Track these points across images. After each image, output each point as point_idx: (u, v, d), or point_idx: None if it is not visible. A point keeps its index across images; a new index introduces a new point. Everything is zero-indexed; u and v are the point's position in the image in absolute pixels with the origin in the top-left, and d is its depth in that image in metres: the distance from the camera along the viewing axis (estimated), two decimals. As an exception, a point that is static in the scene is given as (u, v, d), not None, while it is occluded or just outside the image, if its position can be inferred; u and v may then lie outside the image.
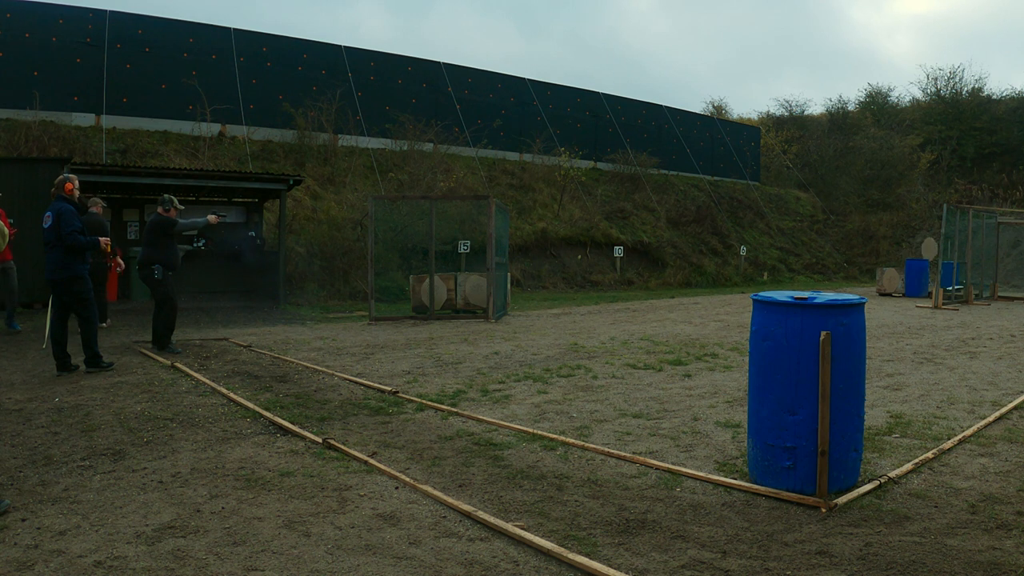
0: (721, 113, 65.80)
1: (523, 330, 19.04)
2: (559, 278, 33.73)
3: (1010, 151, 56.23)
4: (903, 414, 9.95)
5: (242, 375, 12.52)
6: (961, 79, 62.48)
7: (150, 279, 15.01)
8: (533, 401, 10.66)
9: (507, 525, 5.88)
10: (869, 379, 9.40)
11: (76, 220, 11.89)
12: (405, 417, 9.68)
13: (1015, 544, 5.63)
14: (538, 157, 38.12)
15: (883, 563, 5.33)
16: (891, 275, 34.93)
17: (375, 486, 6.91)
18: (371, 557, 5.39)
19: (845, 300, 6.77)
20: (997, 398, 11.08)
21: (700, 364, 13.95)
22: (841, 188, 54.53)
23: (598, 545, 5.63)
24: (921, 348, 16.41)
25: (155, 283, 15.09)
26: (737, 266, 41.15)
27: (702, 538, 5.80)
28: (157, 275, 14.91)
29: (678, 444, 8.43)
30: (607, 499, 6.63)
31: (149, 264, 14.95)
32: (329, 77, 32.97)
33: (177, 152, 27.90)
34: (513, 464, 7.62)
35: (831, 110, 66.13)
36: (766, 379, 6.86)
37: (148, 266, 14.96)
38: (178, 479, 7.03)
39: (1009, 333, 19.70)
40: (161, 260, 14.91)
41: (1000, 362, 14.71)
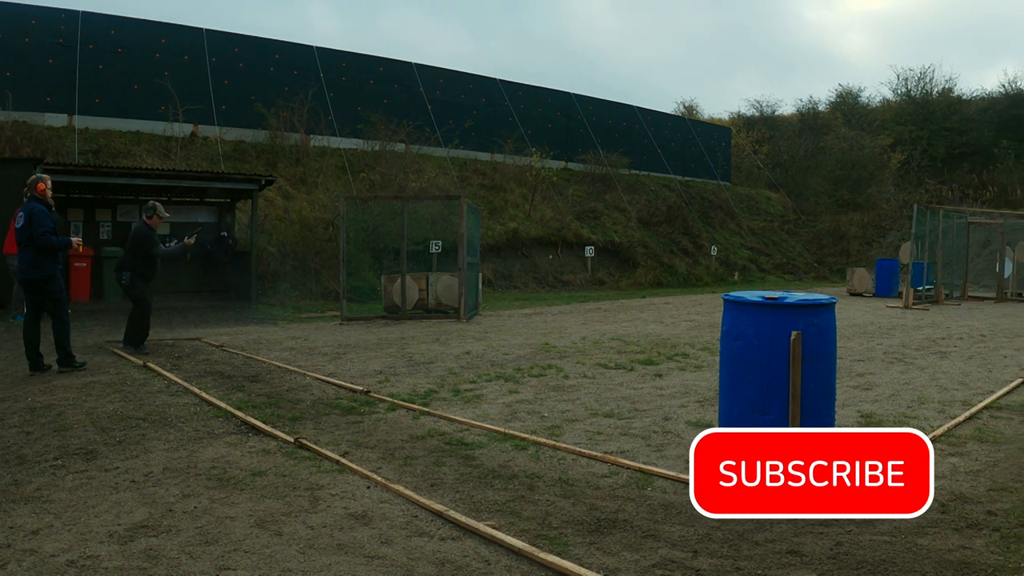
0: (692, 113, 65.91)
1: (494, 330, 19.09)
2: (530, 278, 33.79)
3: (980, 151, 56.46)
4: (874, 414, 10.03)
5: (214, 375, 12.53)
6: (931, 79, 62.89)
7: (119, 283, 15.45)
8: (504, 401, 10.69)
9: (479, 524, 5.89)
10: (840, 379, 9.44)
11: (48, 220, 11.84)
12: (377, 417, 9.71)
13: (985, 543, 5.68)
14: (509, 157, 38.09)
15: (854, 562, 5.36)
16: (861, 275, 35.14)
17: (347, 486, 6.92)
18: (343, 556, 5.41)
19: (816, 300, 6.85)
20: (967, 398, 11.16)
21: (671, 364, 14.02)
22: (812, 188, 54.68)
23: (569, 544, 5.65)
24: (891, 348, 16.51)
25: (123, 287, 15.60)
26: (708, 266, 41.26)
27: (673, 537, 5.82)
28: (124, 281, 15.15)
29: (649, 444, 8.47)
30: (578, 498, 6.66)
31: (120, 269, 15.21)
32: (301, 77, 32.92)
33: (149, 152, 27.81)
34: (484, 464, 7.65)
35: (801, 110, 66.22)
36: (737, 379, 6.93)
37: (120, 271, 15.23)
38: (150, 479, 7.04)
39: (979, 333, 19.82)
40: (133, 269, 14.98)
41: (970, 362, 14.81)
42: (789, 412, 6.50)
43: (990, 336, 19.18)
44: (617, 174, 42.41)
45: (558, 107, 43.68)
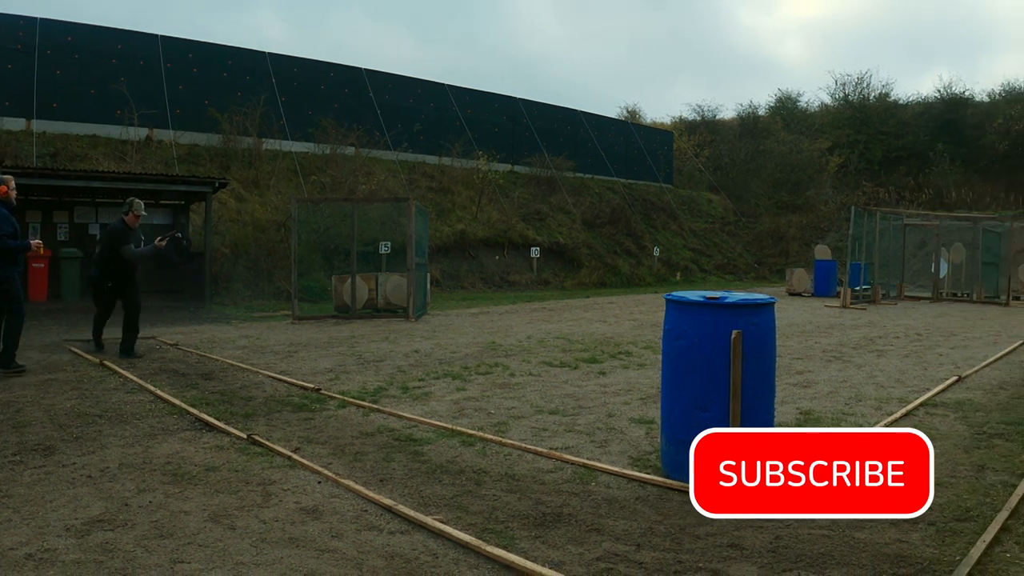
0: (635, 118, 66.02)
1: (442, 329, 19.08)
2: (477, 278, 33.77)
3: (916, 155, 56.94)
4: (812, 410, 10.12)
5: (169, 373, 12.48)
6: (869, 84, 63.51)
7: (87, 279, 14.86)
8: (452, 398, 10.71)
9: (427, 518, 5.91)
10: (779, 377, 9.50)
11: (8, 224, 11.68)
12: (327, 414, 9.71)
13: (921, 537, 5.73)
14: (457, 161, 38.07)
15: (793, 555, 5.42)
16: (800, 275, 35.43)
17: (298, 481, 6.92)
18: (295, 550, 5.41)
19: (755, 300, 6.87)
20: (904, 395, 11.26)
21: (614, 362, 14.05)
22: (752, 191, 54.96)
23: (515, 538, 5.68)
24: (830, 346, 16.65)
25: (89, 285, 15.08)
26: (650, 266, 41.34)
27: (617, 531, 5.85)
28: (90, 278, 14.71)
29: (593, 440, 8.49)
30: (524, 493, 6.69)
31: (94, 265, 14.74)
32: (253, 83, 32.89)
33: (106, 156, 27.67)
34: (433, 459, 7.66)
35: (742, 115, 66.64)
36: (679, 377, 6.94)
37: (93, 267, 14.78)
38: (107, 474, 7.02)
39: (915, 332, 20.02)
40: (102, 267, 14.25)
41: (906, 360, 14.95)
42: (730, 409, 6.52)
43: (926, 335, 19.35)
44: (562, 177, 42.49)
45: (504, 111, 43.75)
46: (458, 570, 5.13)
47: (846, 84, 64.32)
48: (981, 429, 9.18)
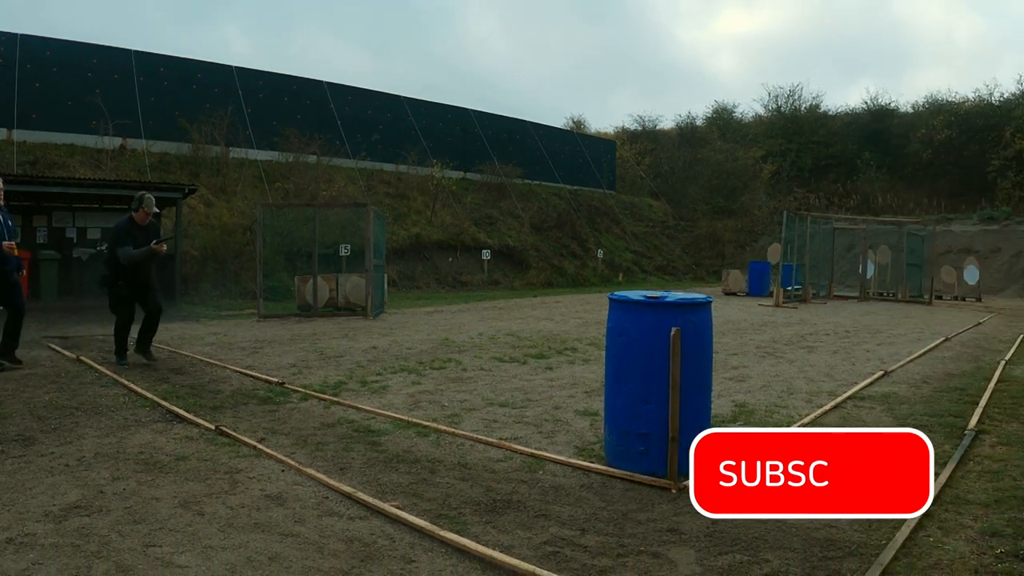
0: (580, 128, 66.24)
1: (399, 326, 19.03)
2: (432, 279, 33.74)
3: (844, 163, 57.30)
4: (747, 403, 10.17)
5: (141, 367, 12.41)
6: (800, 96, 64.07)
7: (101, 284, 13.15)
8: (408, 391, 10.70)
9: (384, 505, 5.94)
10: (716, 371, 9.53)
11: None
12: (291, 406, 9.72)
13: (849, 523, 5.76)
14: (412, 168, 38.22)
15: (729, 540, 5.46)
16: (735, 276, 35.59)
17: (263, 469, 6.93)
18: (260, 534, 5.43)
19: (693, 299, 6.90)
20: (833, 388, 11.36)
21: (561, 358, 14.09)
22: (690, 196, 55.25)
23: (468, 523, 5.71)
24: (763, 343, 16.76)
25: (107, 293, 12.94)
26: (595, 268, 41.44)
27: (563, 517, 5.89)
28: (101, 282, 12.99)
29: (541, 431, 8.53)
30: (476, 481, 6.72)
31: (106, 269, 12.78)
32: (221, 95, 32.83)
33: (82, 164, 27.52)
34: (390, 449, 7.68)
35: (681, 125, 66.73)
36: (621, 371, 6.96)
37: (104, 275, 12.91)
38: (83, 463, 7.01)
39: (843, 329, 20.17)
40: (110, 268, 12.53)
41: (835, 355, 15.08)
42: (669, 402, 6.53)
43: (854, 332, 19.50)
44: (511, 183, 42.58)
45: (457, 122, 43.86)
46: (414, 553, 5.16)
47: (779, 96, 65.14)
48: (905, 421, 9.23)
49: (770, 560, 5.14)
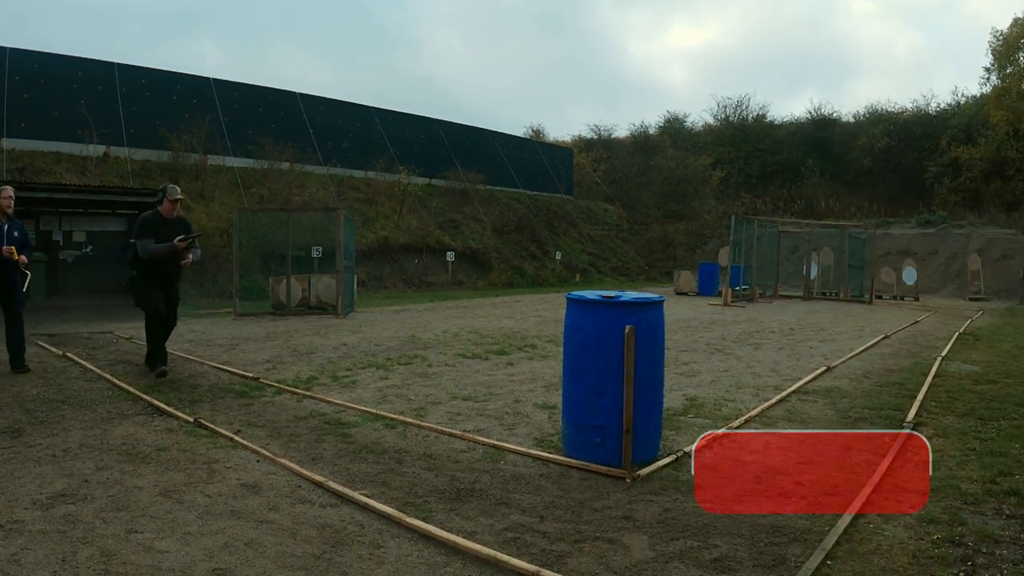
0: (539, 136, 66.49)
1: (368, 324, 19.02)
2: (399, 279, 33.70)
3: (789, 169, 57.64)
4: (697, 397, 10.22)
5: (124, 363, 12.41)
6: (747, 107, 64.42)
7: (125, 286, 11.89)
8: (376, 386, 10.73)
9: (354, 493, 5.99)
10: (667, 367, 9.58)
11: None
12: (265, 400, 9.74)
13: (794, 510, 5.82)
14: (381, 175, 38.22)
15: (680, 526, 5.52)
16: (686, 277, 35.74)
17: (239, 460, 6.97)
18: (236, 521, 5.47)
19: (646, 298, 6.96)
20: (778, 383, 11.43)
21: (521, 354, 14.13)
22: (643, 201, 55.33)
23: (433, 511, 5.75)
24: (712, 340, 16.80)
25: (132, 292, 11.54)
26: (553, 269, 41.49)
27: (523, 504, 5.94)
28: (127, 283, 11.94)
29: (502, 423, 8.58)
30: (440, 471, 6.77)
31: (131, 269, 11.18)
32: (199, 105, 32.86)
33: (68, 170, 27.42)
34: (359, 440, 7.72)
35: (634, 134, 66.98)
36: (578, 367, 7.00)
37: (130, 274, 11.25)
38: (69, 453, 7.03)
39: (788, 327, 20.28)
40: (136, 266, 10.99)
41: (781, 352, 15.17)
42: (623, 396, 6.55)
43: (798, 330, 19.61)
44: (474, 189, 42.63)
45: (423, 131, 44.00)
46: (382, 539, 5.21)
47: (727, 106, 65.40)
48: (847, 413, 9.36)
49: (719, 545, 5.18)
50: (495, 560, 4.84)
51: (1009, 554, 5.06)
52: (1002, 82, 46.20)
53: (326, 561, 4.87)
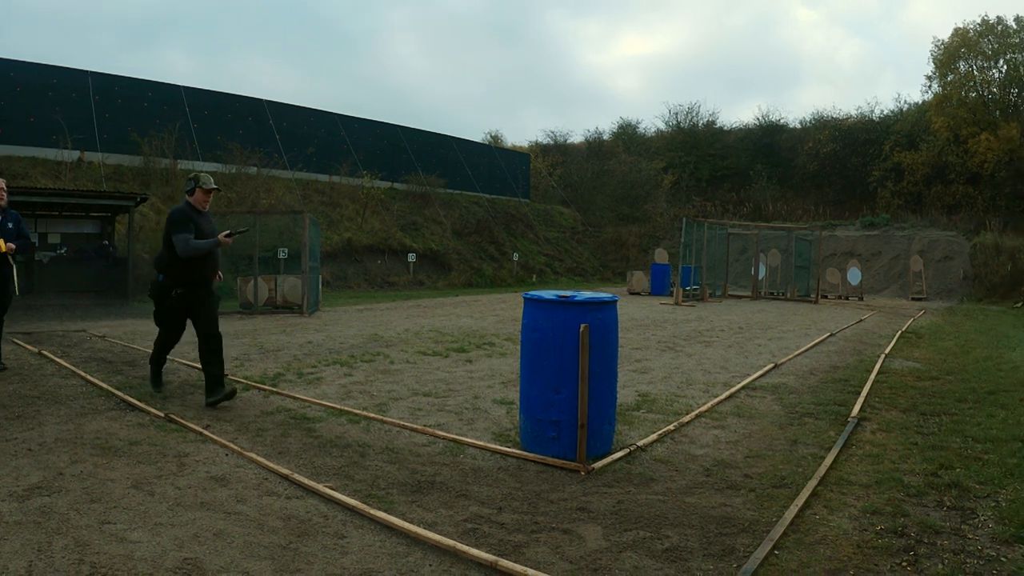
0: (497, 142, 66.56)
1: (332, 323, 18.96)
2: (362, 280, 33.66)
3: (738, 173, 57.84)
4: (649, 393, 10.23)
5: (98, 360, 12.32)
6: (698, 113, 64.71)
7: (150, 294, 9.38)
8: (340, 382, 10.72)
9: (319, 486, 6.00)
10: (621, 364, 9.65)
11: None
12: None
13: (743, 502, 5.90)
14: (345, 179, 38.35)
15: (633, 517, 5.54)
16: (639, 277, 35.74)
17: (209, 453, 6.96)
18: (205, 512, 5.47)
19: (600, 298, 6.95)
20: (727, 380, 11.50)
21: (480, 352, 14.10)
22: (597, 204, 55.43)
23: (395, 503, 5.76)
24: (664, 338, 16.82)
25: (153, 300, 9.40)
26: (511, 270, 41.51)
27: (482, 496, 5.96)
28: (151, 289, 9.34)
29: (461, 418, 8.59)
30: (402, 464, 6.78)
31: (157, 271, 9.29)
32: (170, 112, 32.93)
33: (43, 175, 27.42)
34: (324, 435, 7.72)
35: (589, 139, 67.45)
36: (535, 364, 6.99)
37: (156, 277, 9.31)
38: (44, 447, 6.99)
39: (737, 326, 20.35)
40: (168, 270, 9.12)
41: (730, 350, 15.23)
42: (579, 392, 6.60)
43: (746, 328, 19.72)
44: (434, 192, 42.69)
45: (385, 136, 44.05)
46: (345, 530, 5.23)
47: (678, 113, 65.72)
48: (794, 409, 9.41)
49: (670, 536, 5.22)
50: (455, 550, 4.86)
51: (950, 544, 5.11)
52: (943, 90, 46.55)
53: (292, 551, 4.88)
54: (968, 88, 45.61)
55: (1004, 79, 45.07)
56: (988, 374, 12.39)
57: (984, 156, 43.87)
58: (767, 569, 4.71)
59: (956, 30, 46.25)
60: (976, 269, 37.94)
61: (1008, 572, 4.70)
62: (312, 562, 4.72)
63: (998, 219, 41.46)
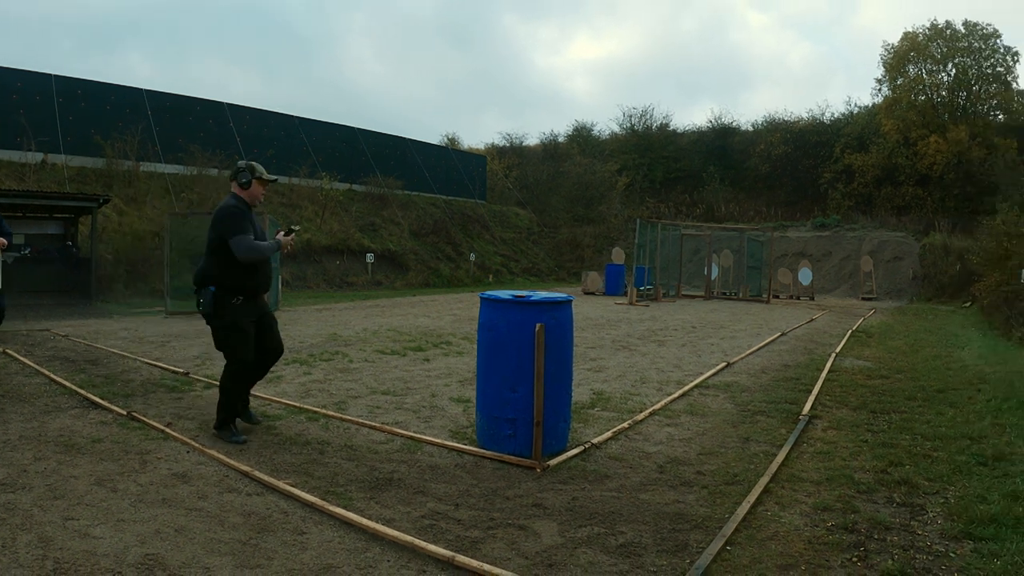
0: (454, 144, 66.05)
1: (291, 322, 18.91)
2: (321, 280, 33.60)
3: (691, 175, 57.66)
4: (604, 391, 10.30)
5: (61, 359, 12.26)
6: (652, 116, 64.46)
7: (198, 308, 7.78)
8: (300, 381, 10.73)
9: (278, 482, 6.03)
10: (576, 363, 9.68)
11: None
12: (195, 394, 9.71)
13: (696, 498, 5.95)
14: (304, 180, 38.27)
15: (587, 513, 5.59)
16: (594, 277, 35.69)
17: (170, 451, 6.97)
18: (167, 508, 5.48)
19: (556, 298, 7.02)
20: (681, 378, 11.57)
21: (437, 351, 14.12)
22: (553, 206, 55.37)
23: (353, 499, 5.80)
24: (618, 337, 16.88)
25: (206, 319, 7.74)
26: (468, 270, 41.46)
27: (439, 493, 5.99)
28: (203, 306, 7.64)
29: (419, 416, 8.62)
30: (361, 461, 6.81)
31: (201, 284, 7.75)
32: (132, 114, 32.71)
33: (7, 176, 27.25)
34: (283, 432, 7.74)
35: (544, 141, 67.38)
36: (491, 363, 7.04)
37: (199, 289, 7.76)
38: (8, 445, 6.99)
39: (690, 325, 20.44)
40: (220, 281, 7.60)
41: (683, 348, 15.30)
42: (534, 390, 6.63)
43: (699, 328, 19.80)
44: (392, 194, 42.61)
45: (344, 139, 43.98)
46: (305, 526, 5.25)
47: (632, 116, 65.36)
48: (746, 407, 9.50)
49: (624, 532, 5.26)
50: (412, 546, 4.89)
51: (899, 540, 5.18)
52: (893, 93, 46.83)
53: (252, 546, 4.90)
54: (917, 91, 45.97)
55: (952, 82, 45.48)
56: (937, 373, 12.55)
57: (933, 158, 44.20)
58: (719, 565, 4.75)
59: (906, 34, 46.62)
60: (925, 269, 38.19)
61: (956, 567, 4.76)
62: (272, 557, 4.74)
63: (947, 220, 41.77)
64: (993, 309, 23.23)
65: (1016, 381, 11.31)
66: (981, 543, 5.13)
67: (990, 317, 22.81)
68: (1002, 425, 8.49)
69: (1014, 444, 7.62)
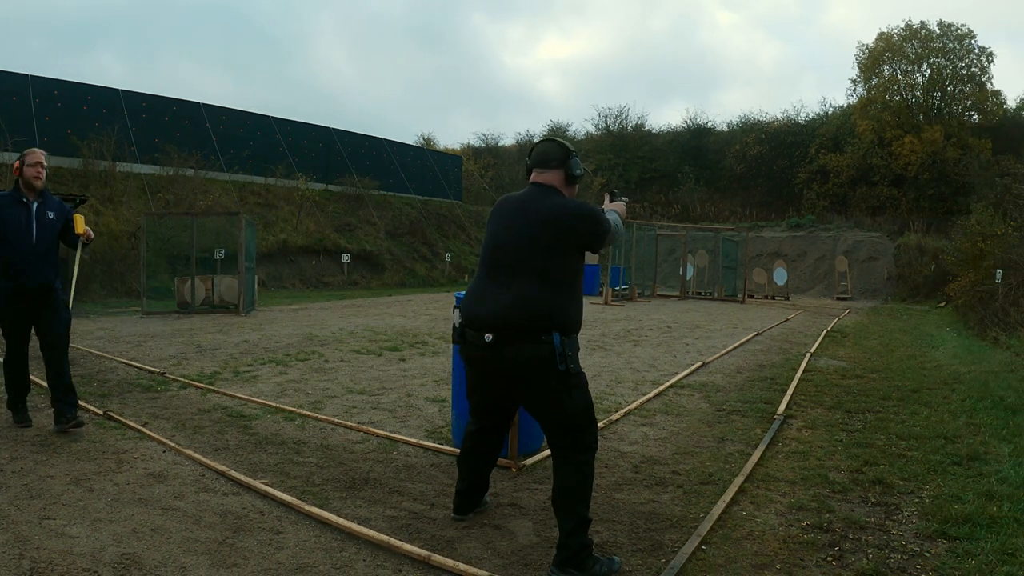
0: (430, 144, 66.23)
1: (268, 322, 18.88)
2: (297, 280, 33.64)
3: (667, 176, 57.71)
4: (579, 391, 10.35)
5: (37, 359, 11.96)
6: (627, 116, 64.28)
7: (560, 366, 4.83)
8: (276, 380, 10.71)
9: (255, 482, 6.01)
10: (552, 363, 9.73)
11: None
12: (171, 394, 9.68)
13: (671, 498, 5.96)
14: (280, 181, 38.18)
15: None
16: (569, 276, 35.70)
17: (147, 450, 6.94)
18: (144, 508, 5.46)
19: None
20: (656, 378, 11.56)
21: (413, 350, 14.09)
22: (528, 206, 55.02)
23: (329, 499, 5.79)
24: (594, 337, 16.83)
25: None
26: (443, 270, 41.57)
27: (415, 493, 5.99)
28: (566, 365, 4.82)
29: (395, 416, 8.60)
30: (337, 461, 6.80)
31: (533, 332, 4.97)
32: (109, 115, 32.56)
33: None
34: (260, 432, 7.72)
35: (520, 142, 67.30)
36: (467, 362, 7.02)
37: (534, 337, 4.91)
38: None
39: (666, 325, 20.48)
40: (560, 318, 5.23)
41: (658, 348, 15.31)
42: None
43: (675, 327, 19.85)
44: (368, 194, 42.57)
45: (320, 139, 43.91)
46: (281, 525, 5.24)
47: (607, 116, 65.14)
48: (721, 407, 9.51)
49: (600, 531, 5.24)
50: (388, 545, 4.90)
51: (874, 539, 5.19)
52: (868, 93, 47.11)
53: (228, 546, 4.89)
54: (892, 92, 46.27)
55: (927, 83, 45.76)
56: (912, 372, 12.61)
57: (908, 159, 44.44)
58: (694, 564, 4.76)
59: (880, 34, 46.93)
60: (900, 269, 38.46)
61: (931, 567, 4.78)
62: (248, 557, 4.73)
63: (921, 220, 41.99)
64: (968, 309, 23.40)
65: (991, 381, 11.41)
66: (955, 542, 5.15)
67: (965, 317, 22.99)
68: (977, 425, 8.54)
69: (988, 444, 7.67)
